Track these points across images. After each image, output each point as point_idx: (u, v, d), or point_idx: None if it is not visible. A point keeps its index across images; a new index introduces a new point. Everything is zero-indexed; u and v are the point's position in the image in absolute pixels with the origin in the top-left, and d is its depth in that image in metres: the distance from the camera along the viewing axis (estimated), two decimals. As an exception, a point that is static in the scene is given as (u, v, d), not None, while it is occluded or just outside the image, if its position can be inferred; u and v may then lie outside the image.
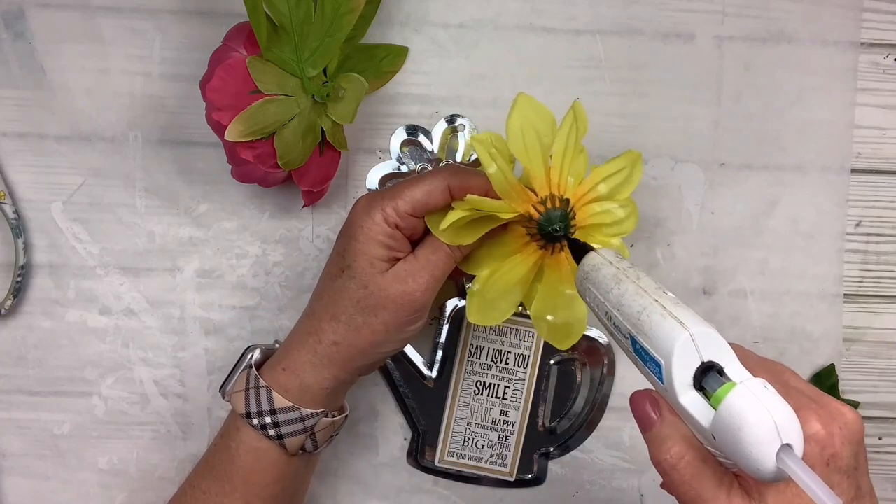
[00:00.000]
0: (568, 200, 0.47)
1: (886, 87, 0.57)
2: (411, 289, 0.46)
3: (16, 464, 0.58)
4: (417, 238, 0.48)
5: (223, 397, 0.50)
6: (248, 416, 0.47)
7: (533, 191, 0.47)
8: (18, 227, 0.56)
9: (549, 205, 0.47)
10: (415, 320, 0.48)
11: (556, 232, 0.47)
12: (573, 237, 0.47)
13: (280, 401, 0.47)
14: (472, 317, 0.49)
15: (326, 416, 0.48)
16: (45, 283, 0.57)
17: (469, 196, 0.44)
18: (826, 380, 0.57)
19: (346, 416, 0.51)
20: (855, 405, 0.58)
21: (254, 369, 0.48)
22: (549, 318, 0.49)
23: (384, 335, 0.47)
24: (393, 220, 0.46)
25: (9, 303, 0.56)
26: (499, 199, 0.45)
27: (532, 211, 0.47)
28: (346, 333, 0.47)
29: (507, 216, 0.46)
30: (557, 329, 0.49)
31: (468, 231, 0.46)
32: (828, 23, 0.57)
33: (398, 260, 0.47)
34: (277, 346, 0.51)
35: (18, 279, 0.56)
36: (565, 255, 0.48)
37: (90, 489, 0.58)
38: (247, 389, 0.48)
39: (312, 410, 0.47)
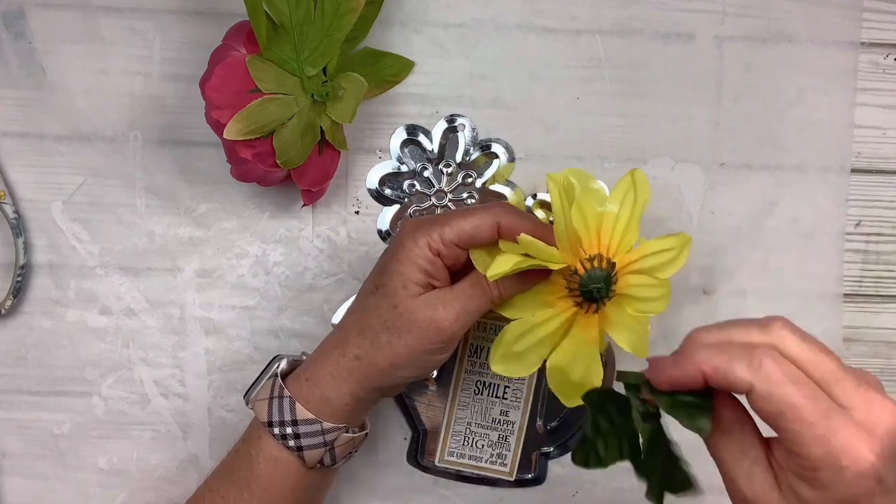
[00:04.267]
0: (614, 264, 0.47)
1: (886, 87, 0.57)
2: (440, 316, 0.46)
3: (16, 464, 0.58)
4: (457, 271, 0.48)
5: (247, 404, 0.50)
6: (270, 424, 0.47)
7: (581, 248, 0.46)
8: (18, 227, 0.56)
9: (595, 264, 0.47)
10: (438, 351, 0.47)
11: (598, 292, 0.46)
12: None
13: (302, 412, 0.47)
14: (495, 366, 0.48)
15: (347, 432, 0.48)
16: (45, 283, 0.57)
17: (522, 236, 0.44)
18: (826, 380, 0.57)
19: (367, 434, 0.51)
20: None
21: (279, 379, 0.49)
22: (564, 371, 0.48)
23: (405, 359, 0.47)
24: (436, 247, 0.46)
25: (9, 303, 0.56)
26: (549, 245, 0.44)
27: (579, 266, 0.46)
28: (369, 350, 0.47)
29: (555, 266, 0.45)
30: (569, 385, 0.48)
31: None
32: (828, 23, 0.57)
33: (434, 288, 0.47)
34: (304, 357, 0.51)
35: (18, 279, 0.56)
36: (597, 318, 0.48)
37: (90, 489, 0.58)
38: (271, 398, 0.48)
39: (333, 425, 0.47)
